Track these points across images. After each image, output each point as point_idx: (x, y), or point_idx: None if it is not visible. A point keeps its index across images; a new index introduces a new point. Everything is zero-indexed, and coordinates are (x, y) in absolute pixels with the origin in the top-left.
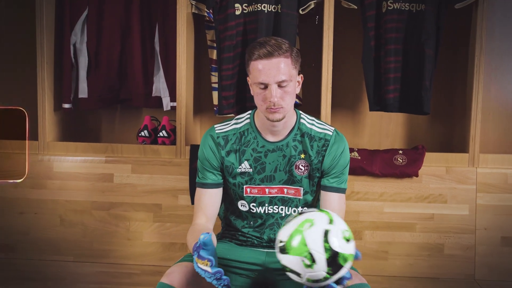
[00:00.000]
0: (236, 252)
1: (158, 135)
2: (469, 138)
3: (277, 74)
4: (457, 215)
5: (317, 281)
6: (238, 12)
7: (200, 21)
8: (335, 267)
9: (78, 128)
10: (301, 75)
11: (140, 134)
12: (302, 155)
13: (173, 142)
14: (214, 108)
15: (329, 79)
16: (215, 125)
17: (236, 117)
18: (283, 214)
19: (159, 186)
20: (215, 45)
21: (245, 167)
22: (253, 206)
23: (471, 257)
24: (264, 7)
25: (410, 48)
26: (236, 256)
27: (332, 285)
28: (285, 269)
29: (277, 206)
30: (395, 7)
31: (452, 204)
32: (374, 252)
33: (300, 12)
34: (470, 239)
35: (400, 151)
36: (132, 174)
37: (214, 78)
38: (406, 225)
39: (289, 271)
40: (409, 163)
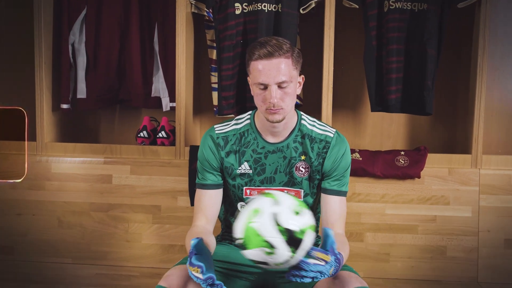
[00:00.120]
0: (236, 255)
1: (157, 136)
2: (472, 139)
3: (277, 75)
4: (459, 217)
5: (286, 262)
6: (238, 12)
7: (199, 20)
8: (296, 243)
9: (76, 128)
10: (302, 76)
11: (139, 135)
12: (303, 157)
13: (172, 143)
14: (214, 109)
15: (330, 79)
16: (215, 126)
17: (236, 117)
18: None
19: (158, 187)
20: (214, 45)
21: (245, 168)
22: None
23: (474, 260)
24: (265, 6)
25: (412, 48)
26: (235, 258)
27: (305, 260)
28: (253, 263)
29: None
30: (397, 6)
31: (455, 205)
32: (376, 254)
33: (301, 11)
34: (473, 241)
35: (402, 152)
36: (131, 175)
37: (214, 78)
38: (408, 227)
39: (257, 263)
40: (411, 164)
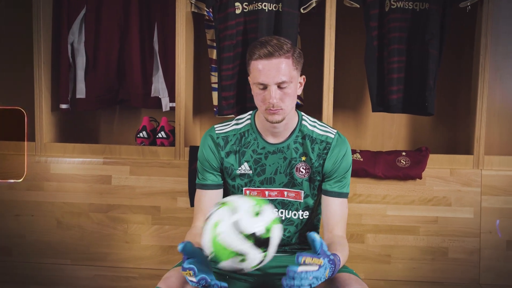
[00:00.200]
0: None
1: (157, 136)
2: (474, 140)
3: (276, 75)
4: (461, 218)
5: (261, 262)
6: (238, 11)
7: (199, 20)
8: (264, 243)
9: (75, 129)
10: (303, 76)
11: (138, 135)
12: (303, 158)
13: (172, 143)
14: (214, 109)
15: (331, 79)
16: (215, 125)
17: (236, 117)
18: (283, 218)
19: (158, 188)
20: (215, 44)
21: (244, 168)
22: None
23: (475, 261)
24: (265, 6)
25: (414, 48)
26: None
27: (296, 270)
28: (231, 272)
29: (277, 210)
30: (398, 5)
31: (457, 207)
32: (377, 255)
33: (302, 11)
34: (475, 243)
35: (403, 153)
36: (131, 176)
37: (214, 78)
38: (410, 228)
39: (234, 271)
40: (413, 165)
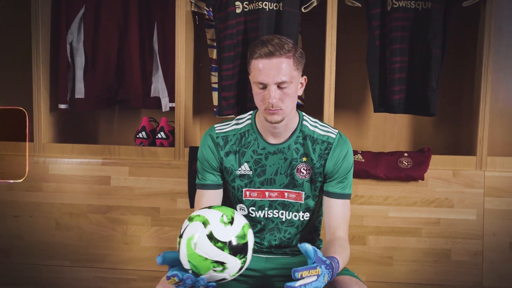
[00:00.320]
0: None
1: (157, 137)
2: (477, 140)
3: (276, 75)
4: (464, 220)
5: (241, 268)
6: (238, 10)
7: (199, 19)
8: (241, 249)
9: (74, 129)
10: (305, 77)
11: (138, 136)
12: (304, 158)
13: (171, 144)
14: (214, 109)
15: (332, 79)
16: (215, 125)
17: (237, 117)
18: (283, 219)
19: (157, 189)
20: (215, 44)
21: (244, 169)
22: (252, 210)
23: (478, 264)
24: (266, 5)
25: (416, 47)
26: None
27: (290, 285)
28: (214, 282)
29: (277, 211)
30: (400, 5)
31: (459, 208)
32: (378, 257)
33: (303, 10)
34: (478, 245)
35: (405, 154)
36: (130, 177)
37: (214, 78)
38: (412, 230)
39: (217, 282)
40: (415, 166)
